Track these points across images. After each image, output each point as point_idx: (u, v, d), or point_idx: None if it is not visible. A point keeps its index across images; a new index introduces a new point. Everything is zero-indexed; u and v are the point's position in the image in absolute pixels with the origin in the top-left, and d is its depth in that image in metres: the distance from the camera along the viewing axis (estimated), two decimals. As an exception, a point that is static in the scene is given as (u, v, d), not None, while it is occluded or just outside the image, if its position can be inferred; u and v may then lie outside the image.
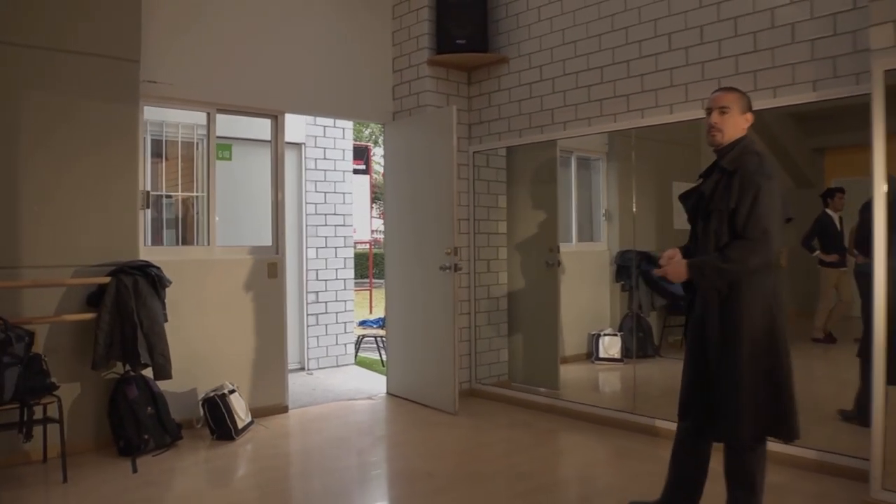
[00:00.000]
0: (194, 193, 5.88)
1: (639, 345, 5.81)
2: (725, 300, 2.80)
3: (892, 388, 3.29)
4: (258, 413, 5.12)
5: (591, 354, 5.95)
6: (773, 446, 4.00)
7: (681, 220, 6.02)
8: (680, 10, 4.47)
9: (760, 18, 4.09)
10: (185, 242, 6.02)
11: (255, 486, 3.84)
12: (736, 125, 2.91)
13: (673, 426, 3.23)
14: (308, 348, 7.21)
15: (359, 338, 7.71)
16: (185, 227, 6.14)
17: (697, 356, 2.93)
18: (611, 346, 5.93)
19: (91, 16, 4.37)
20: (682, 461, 3.07)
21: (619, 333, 5.86)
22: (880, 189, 3.28)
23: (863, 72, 3.57)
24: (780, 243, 2.73)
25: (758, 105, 4.07)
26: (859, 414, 3.82)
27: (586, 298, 6.21)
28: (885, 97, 3.23)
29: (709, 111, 2.96)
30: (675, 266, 2.85)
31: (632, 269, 5.71)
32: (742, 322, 2.75)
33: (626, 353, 5.69)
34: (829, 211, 4.30)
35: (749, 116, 2.96)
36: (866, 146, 3.31)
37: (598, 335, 5.98)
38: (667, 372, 5.83)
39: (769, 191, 2.69)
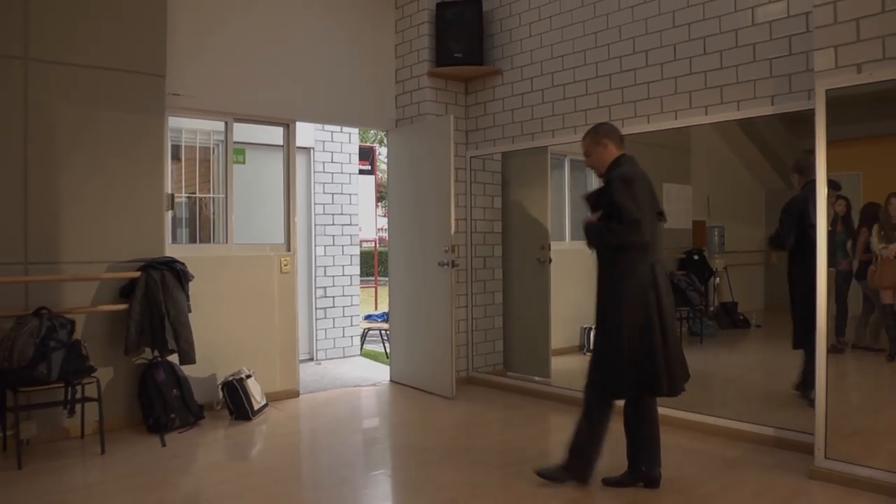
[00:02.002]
0: (211, 195, 6.34)
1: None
2: (608, 274, 3.60)
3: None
4: (272, 397, 5.58)
5: (583, 346, 6.35)
6: (735, 424, 4.48)
7: (670, 220, 6.46)
8: (655, 28, 4.91)
9: (726, 38, 4.53)
10: (197, 240, 6.45)
11: (271, 459, 4.31)
12: (600, 157, 3.69)
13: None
14: (317, 340, 7.68)
15: (364, 331, 8.17)
16: (200, 226, 6.59)
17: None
18: (601, 340, 6.34)
19: (122, 36, 4.83)
20: (628, 424, 3.69)
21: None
22: (822, 191, 3.72)
23: (814, 88, 4.00)
24: (649, 232, 3.46)
25: (725, 117, 4.55)
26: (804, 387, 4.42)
27: (579, 294, 6.62)
28: (825, 112, 3.67)
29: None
30: (590, 220, 3.63)
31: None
32: (616, 292, 3.51)
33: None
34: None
35: (605, 142, 3.69)
36: (844, 141, 3.73)
37: (590, 328, 6.39)
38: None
39: (623, 191, 3.44)
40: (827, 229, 3.72)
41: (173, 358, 4.87)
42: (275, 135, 6.06)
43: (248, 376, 5.22)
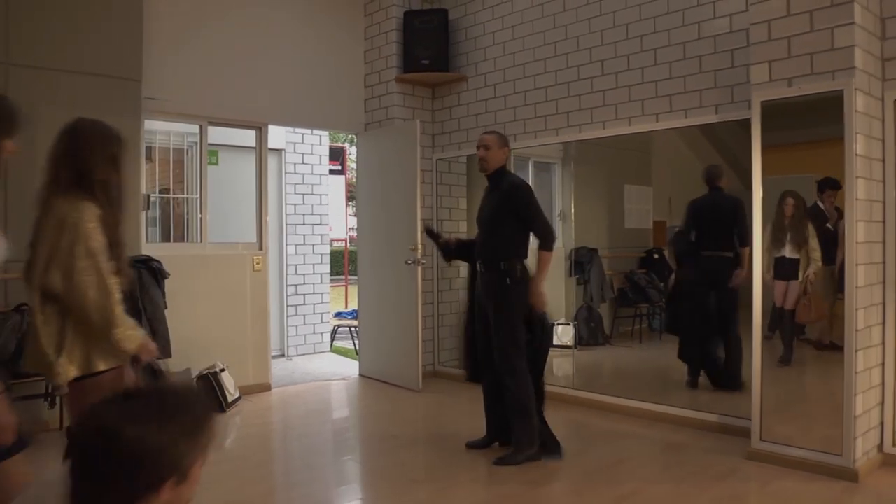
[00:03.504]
0: (185, 195, 6.52)
1: (590, 333, 6.53)
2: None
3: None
4: (245, 391, 5.78)
5: (545, 341, 6.63)
6: (681, 411, 4.79)
7: (632, 220, 6.77)
8: (610, 40, 5.21)
9: (675, 50, 4.84)
10: (171, 239, 6.62)
11: (245, 448, 4.53)
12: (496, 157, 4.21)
13: (605, 399, 4.00)
14: (288, 336, 7.88)
15: (334, 328, 8.39)
16: (174, 225, 6.75)
17: None
18: (564, 334, 6.61)
19: (100, 42, 5.00)
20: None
21: (572, 323, 6.55)
22: (758, 193, 4.04)
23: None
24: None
25: (674, 124, 4.86)
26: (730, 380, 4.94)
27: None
28: (761, 121, 3.98)
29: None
30: None
31: (585, 264, 6.42)
32: None
33: (579, 341, 6.36)
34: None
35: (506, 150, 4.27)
36: (796, 144, 4.08)
37: (553, 324, 6.67)
38: (613, 357, 6.58)
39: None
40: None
41: (149, 352, 5.05)
42: (247, 137, 6.27)
43: (222, 370, 5.42)
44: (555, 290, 6.74)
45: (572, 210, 6.38)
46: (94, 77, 4.98)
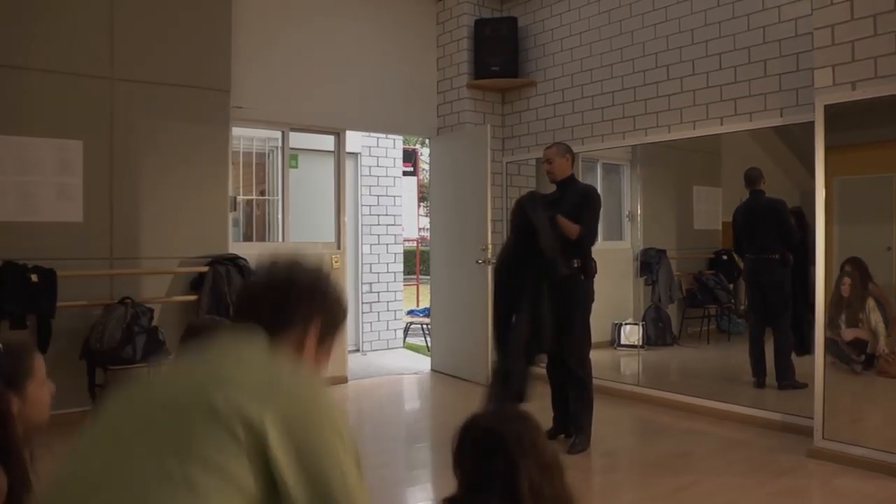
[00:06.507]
0: (267, 197, 6.93)
1: (658, 333, 6.61)
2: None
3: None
4: (323, 382, 6.11)
5: (614, 341, 6.75)
6: (744, 409, 4.87)
7: (701, 221, 6.81)
8: (676, 45, 5.32)
9: (740, 55, 4.92)
10: (253, 239, 7.02)
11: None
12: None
13: (672, 397, 4.20)
14: (362, 332, 8.21)
15: (407, 325, 8.69)
16: (256, 225, 7.17)
17: None
18: (631, 334, 6.71)
19: (192, 57, 5.41)
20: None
21: (640, 323, 6.62)
22: (820, 195, 4.10)
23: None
24: None
25: (738, 127, 4.93)
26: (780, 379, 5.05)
27: (610, 291, 7.00)
28: (824, 125, 4.05)
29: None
30: None
31: (653, 265, 6.50)
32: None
33: (647, 341, 6.45)
34: None
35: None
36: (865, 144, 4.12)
37: (620, 324, 6.78)
38: (680, 357, 6.63)
39: None
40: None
41: (237, 344, 5.42)
42: (325, 141, 6.62)
43: (303, 362, 5.75)
44: (623, 291, 6.85)
45: (640, 211, 6.47)
46: (188, 88, 5.39)
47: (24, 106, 4.76)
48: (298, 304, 1.45)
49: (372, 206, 8.29)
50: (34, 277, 4.48)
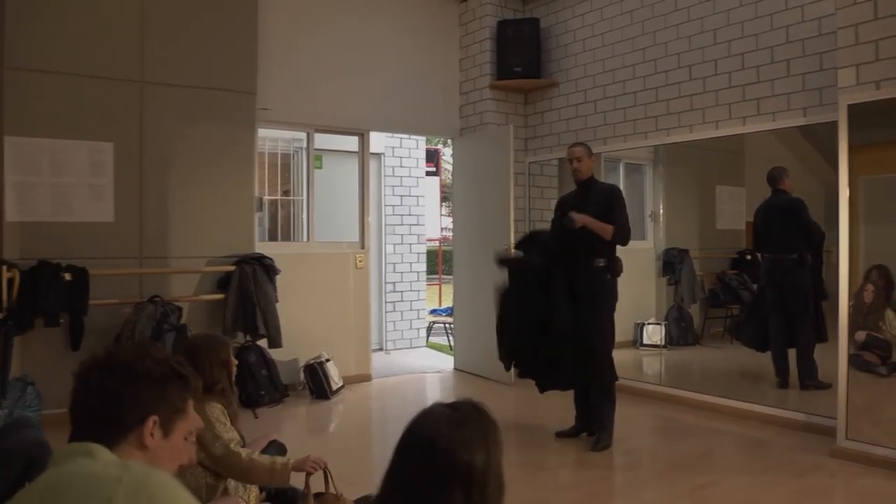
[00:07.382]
0: (292, 197, 7.02)
1: (680, 333, 6.60)
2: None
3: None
4: (347, 380, 6.18)
5: (636, 341, 6.75)
6: (766, 409, 4.87)
7: (724, 221, 6.78)
8: (698, 45, 5.33)
9: (762, 55, 4.91)
10: (278, 238, 7.10)
11: (348, 431, 4.93)
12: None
13: (694, 396, 4.16)
14: (386, 331, 8.30)
15: (430, 324, 8.75)
16: (281, 224, 7.25)
17: None
18: (653, 333, 6.70)
19: (220, 61, 5.52)
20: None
21: (663, 323, 6.62)
22: (844, 194, 4.09)
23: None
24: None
25: (761, 127, 4.93)
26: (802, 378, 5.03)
27: (633, 291, 7.00)
28: (847, 124, 4.04)
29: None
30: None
31: (676, 264, 6.50)
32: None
33: (670, 341, 6.45)
34: None
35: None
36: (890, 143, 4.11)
37: (643, 324, 6.78)
38: (703, 356, 6.61)
39: None
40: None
41: (262, 343, 5.52)
42: (348, 141, 6.70)
43: (327, 360, 5.84)
44: (645, 290, 6.86)
45: (662, 211, 6.48)
46: (215, 91, 5.49)
47: (57, 109, 4.89)
48: (123, 411, 1.34)
49: (395, 206, 8.36)
50: (67, 276, 4.60)
